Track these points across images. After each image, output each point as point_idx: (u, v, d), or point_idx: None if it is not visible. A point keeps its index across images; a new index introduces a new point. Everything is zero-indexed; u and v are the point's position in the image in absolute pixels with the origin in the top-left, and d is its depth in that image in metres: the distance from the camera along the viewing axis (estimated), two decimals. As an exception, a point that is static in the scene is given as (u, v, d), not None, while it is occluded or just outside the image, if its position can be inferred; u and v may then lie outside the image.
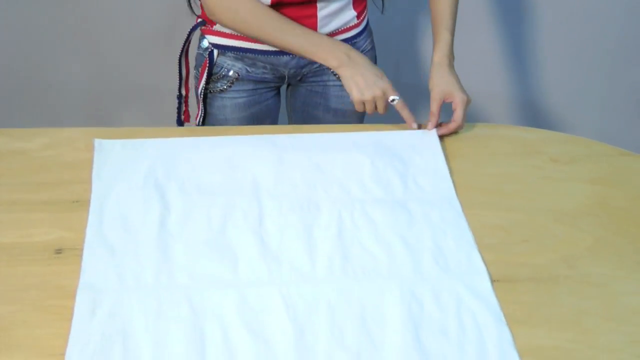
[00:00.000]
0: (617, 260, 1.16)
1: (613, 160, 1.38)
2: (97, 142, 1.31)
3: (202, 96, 1.56)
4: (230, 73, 1.54)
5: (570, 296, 1.09)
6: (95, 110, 2.38)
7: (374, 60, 1.65)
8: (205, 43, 1.53)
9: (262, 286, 1.07)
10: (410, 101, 1.48)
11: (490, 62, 2.38)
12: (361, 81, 1.38)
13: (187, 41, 1.58)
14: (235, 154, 1.31)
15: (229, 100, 1.56)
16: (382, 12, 1.64)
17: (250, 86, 1.57)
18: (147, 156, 1.29)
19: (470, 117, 1.42)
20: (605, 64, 2.43)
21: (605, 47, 2.39)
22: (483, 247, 1.16)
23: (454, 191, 1.27)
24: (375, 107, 1.40)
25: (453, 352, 0.99)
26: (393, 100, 1.39)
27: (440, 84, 1.42)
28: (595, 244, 1.19)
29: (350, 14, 1.52)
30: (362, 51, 1.58)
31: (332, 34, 1.51)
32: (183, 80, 1.61)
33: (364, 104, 1.39)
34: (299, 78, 1.60)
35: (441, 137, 1.39)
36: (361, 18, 1.56)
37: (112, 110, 2.39)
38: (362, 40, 1.59)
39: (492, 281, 1.10)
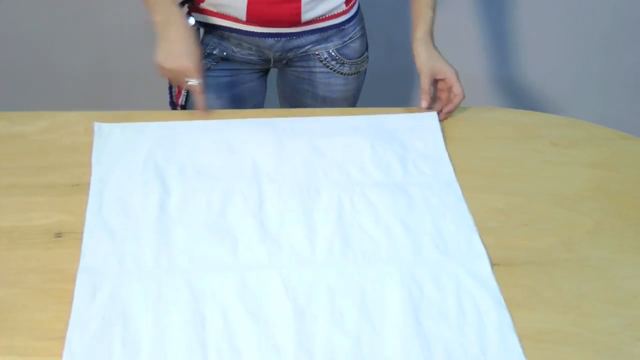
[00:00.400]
0: (616, 244, 1.16)
1: (613, 143, 1.38)
2: (97, 125, 1.31)
3: None
4: (216, 52, 1.53)
5: (570, 280, 1.09)
6: (94, 94, 2.38)
7: (365, 47, 1.63)
8: (191, 21, 1.50)
9: (262, 269, 1.07)
10: (402, 83, 1.48)
11: (487, 46, 2.38)
12: (168, 49, 1.34)
13: None
14: (235, 138, 1.31)
15: (212, 79, 1.54)
16: None
17: (235, 66, 1.56)
18: (146, 140, 1.29)
19: (468, 101, 1.41)
20: (603, 46, 2.43)
21: (603, 29, 2.38)
22: (483, 231, 1.16)
23: (454, 175, 1.27)
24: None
25: (453, 336, 0.99)
26: (191, 82, 1.35)
27: (429, 61, 1.40)
28: (595, 227, 1.19)
29: (338, 0, 1.49)
30: (350, 38, 1.56)
31: (317, 20, 1.49)
32: None
33: (163, 70, 1.35)
34: (284, 62, 1.59)
35: (441, 120, 1.39)
36: (350, 5, 1.53)
37: (112, 94, 2.38)
38: (352, 27, 1.56)
39: (492, 265, 1.10)
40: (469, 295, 1.05)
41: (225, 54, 1.53)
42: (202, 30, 1.52)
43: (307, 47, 1.54)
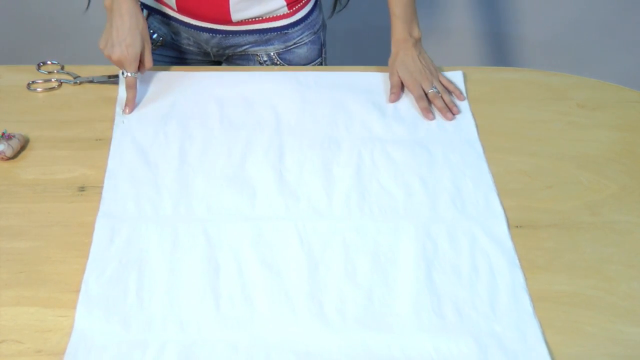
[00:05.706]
0: (641, 208, 1.15)
1: (641, 106, 1.36)
2: (122, 74, 1.30)
3: None
4: (155, 36, 1.48)
5: (593, 243, 1.08)
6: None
7: (317, 54, 1.52)
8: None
9: (278, 221, 1.08)
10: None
11: (514, 5, 2.34)
12: (111, 35, 1.25)
13: None
14: (259, 90, 1.31)
15: (154, 63, 1.38)
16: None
17: (176, 54, 1.52)
18: (170, 89, 1.30)
19: (494, 60, 1.40)
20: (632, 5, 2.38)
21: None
22: (506, 192, 1.15)
23: (476, 134, 1.26)
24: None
25: (464, 292, 1.00)
26: (125, 74, 1.26)
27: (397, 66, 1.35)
28: (619, 191, 1.17)
29: (277, 3, 1.40)
30: (294, 44, 1.47)
31: (254, 21, 1.42)
32: None
33: (109, 57, 1.26)
34: (224, 57, 1.53)
35: (464, 82, 1.37)
36: (295, 9, 1.43)
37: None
38: (297, 33, 1.46)
39: (514, 226, 1.10)
40: (483, 254, 1.05)
41: (162, 39, 1.49)
42: (145, 12, 1.47)
43: (245, 47, 1.48)
